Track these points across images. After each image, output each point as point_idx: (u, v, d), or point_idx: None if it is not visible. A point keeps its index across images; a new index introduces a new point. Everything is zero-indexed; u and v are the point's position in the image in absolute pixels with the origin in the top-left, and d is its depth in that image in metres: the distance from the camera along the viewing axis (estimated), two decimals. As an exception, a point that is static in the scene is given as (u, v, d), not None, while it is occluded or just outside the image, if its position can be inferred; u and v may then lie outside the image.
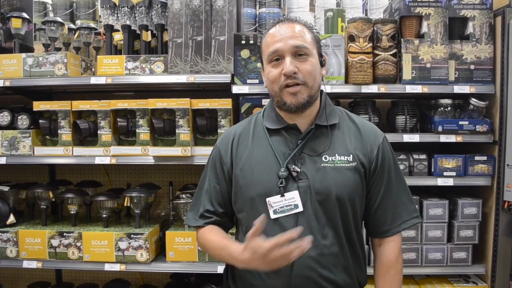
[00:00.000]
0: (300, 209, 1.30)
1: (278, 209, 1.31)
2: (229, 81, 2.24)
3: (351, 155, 1.35)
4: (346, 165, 1.33)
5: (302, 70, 1.29)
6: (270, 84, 1.34)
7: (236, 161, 1.41)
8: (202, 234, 1.46)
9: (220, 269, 2.23)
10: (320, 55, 1.37)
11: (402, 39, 2.24)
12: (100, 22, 2.76)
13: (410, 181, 2.26)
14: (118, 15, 2.50)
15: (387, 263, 1.42)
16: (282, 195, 1.30)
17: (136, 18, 2.46)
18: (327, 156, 1.34)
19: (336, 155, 1.34)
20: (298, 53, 1.30)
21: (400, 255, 1.43)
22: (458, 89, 2.22)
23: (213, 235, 1.42)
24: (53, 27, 2.50)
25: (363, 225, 1.47)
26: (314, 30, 1.39)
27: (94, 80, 2.30)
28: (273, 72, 1.31)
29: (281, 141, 1.37)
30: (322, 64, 1.38)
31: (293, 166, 1.32)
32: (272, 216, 1.31)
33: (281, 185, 1.31)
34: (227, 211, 1.48)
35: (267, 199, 1.32)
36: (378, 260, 1.44)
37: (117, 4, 2.49)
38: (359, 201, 1.36)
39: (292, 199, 1.30)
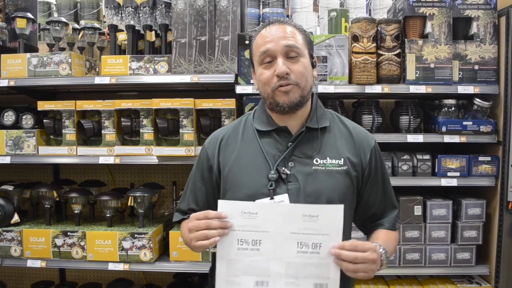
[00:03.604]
0: None
1: None
2: (232, 81, 2.25)
3: (342, 159, 1.33)
4: (337, 168, 1.32)
5: (294, 71, 1.27)
6: (262, 86, 1.31)
7: (223, 163, 1.38)
8: (182, 225, 1.46)
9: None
10: (311, 57, 1.35)
11: (406, 39, 2.23)
12: (104, 22, 2.78)
13: (414, 182, 2.27)
14: (122, 15, 2.51)
15: (387, 231, 1.42)
16: (272, 198, 1.28)
17: (140, 18, 2.46)
18: (318, 159, 1.32)
19: (328, 158, 1.32)
20: (290, 54, 1.28)
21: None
22: (462, 89, 2.22)
23: None
24: (57, 27, 2.51)
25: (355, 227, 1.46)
26: (304, 31, 1.36)
27: (98, 80, 2.31)
28: (265, 74, 1.29)
29: (271, 143, 1.35)
30: (313, 65, 1.36)
31: (283, 168, 1.30)
32: None
33: (270, 187, 1.28)
34: None
35: (256, 202, 1.28)
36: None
37: (121, 4, 2.50)
38: (349, 205, 1.33)
39: (282, 202, 1.27)
